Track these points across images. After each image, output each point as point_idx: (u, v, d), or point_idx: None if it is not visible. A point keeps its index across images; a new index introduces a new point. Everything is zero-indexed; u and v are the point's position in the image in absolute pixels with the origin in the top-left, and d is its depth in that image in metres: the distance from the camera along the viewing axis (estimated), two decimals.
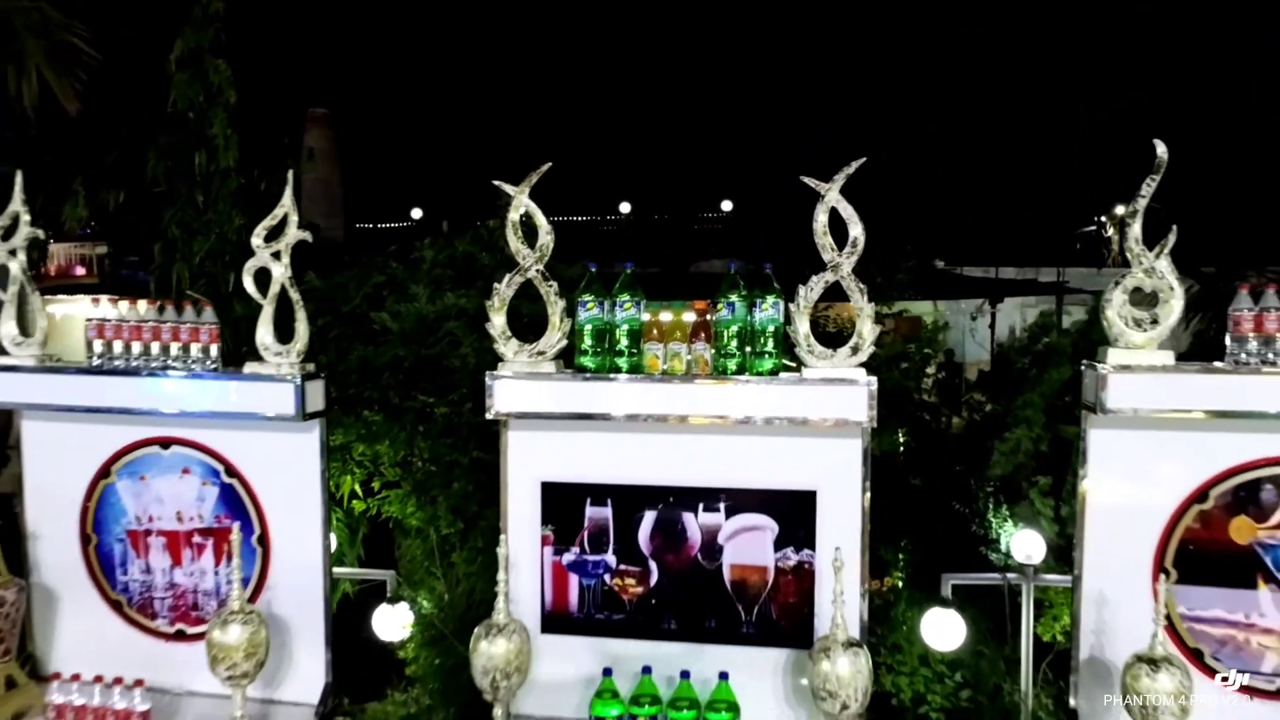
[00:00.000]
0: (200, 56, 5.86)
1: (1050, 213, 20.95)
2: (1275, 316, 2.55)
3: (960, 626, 3.81)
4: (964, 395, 7.30)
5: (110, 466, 3.23)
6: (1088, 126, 23.22)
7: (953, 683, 5.20)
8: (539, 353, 2.91)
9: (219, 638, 2.74)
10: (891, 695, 5.24)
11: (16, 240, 3.21)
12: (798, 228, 2.97)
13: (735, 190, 22.74)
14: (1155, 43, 22.05)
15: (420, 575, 5.56)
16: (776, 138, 24.43)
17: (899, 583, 5.82)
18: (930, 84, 23.46)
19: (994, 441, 5.73)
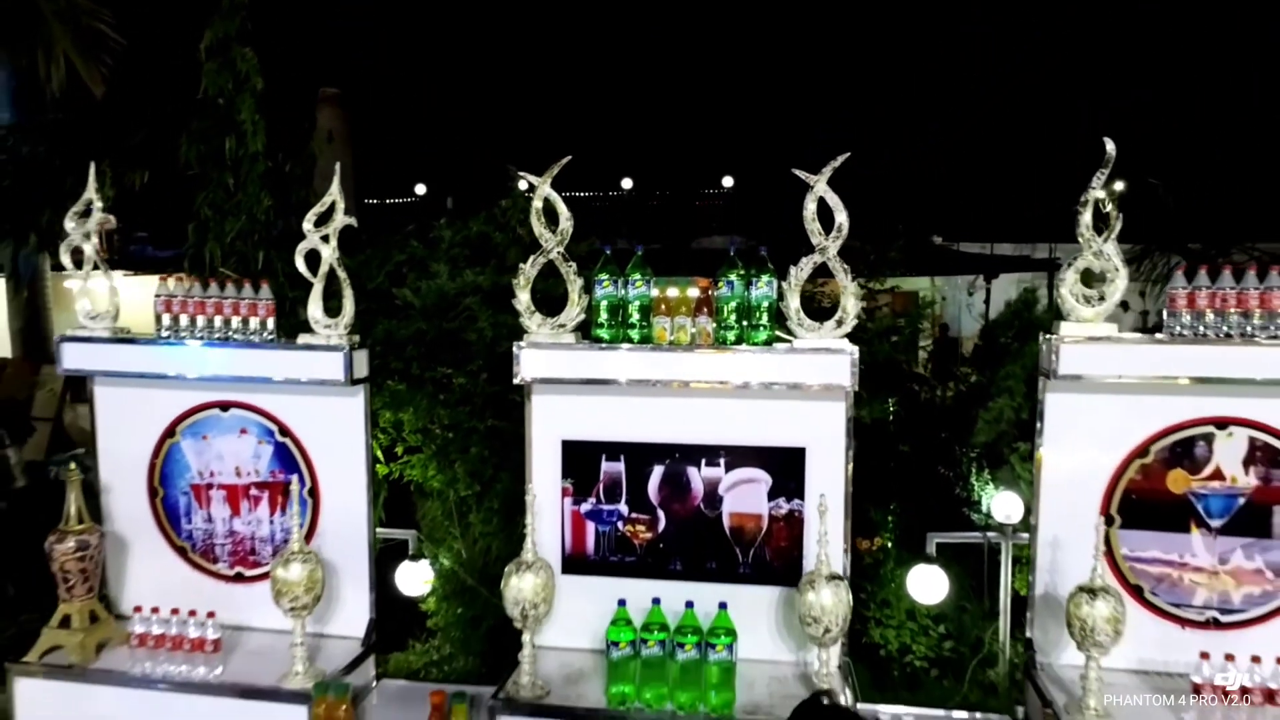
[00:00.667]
0: (228, 45, 6.17)
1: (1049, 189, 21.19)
2: (1205, 294, 2.91)
3: (944, 582, 4.09)
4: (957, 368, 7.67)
5: (175, 427, 3.61)
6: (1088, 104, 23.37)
7: (936, 634, 5.63)
8: (560, 325, 3.27)
9: (282, 574, 3.13)
10: (880, 646, 5.67)
11: (90, 224, 3.56)
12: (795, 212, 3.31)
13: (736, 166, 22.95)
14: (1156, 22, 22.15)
15: (440, 534, 5.97)
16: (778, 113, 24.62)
17: (888, 543, 6.23)
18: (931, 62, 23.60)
19: (978, 410, 6.12)
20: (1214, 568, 3.09)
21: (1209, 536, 3.09)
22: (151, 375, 3.50)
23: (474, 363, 5.86)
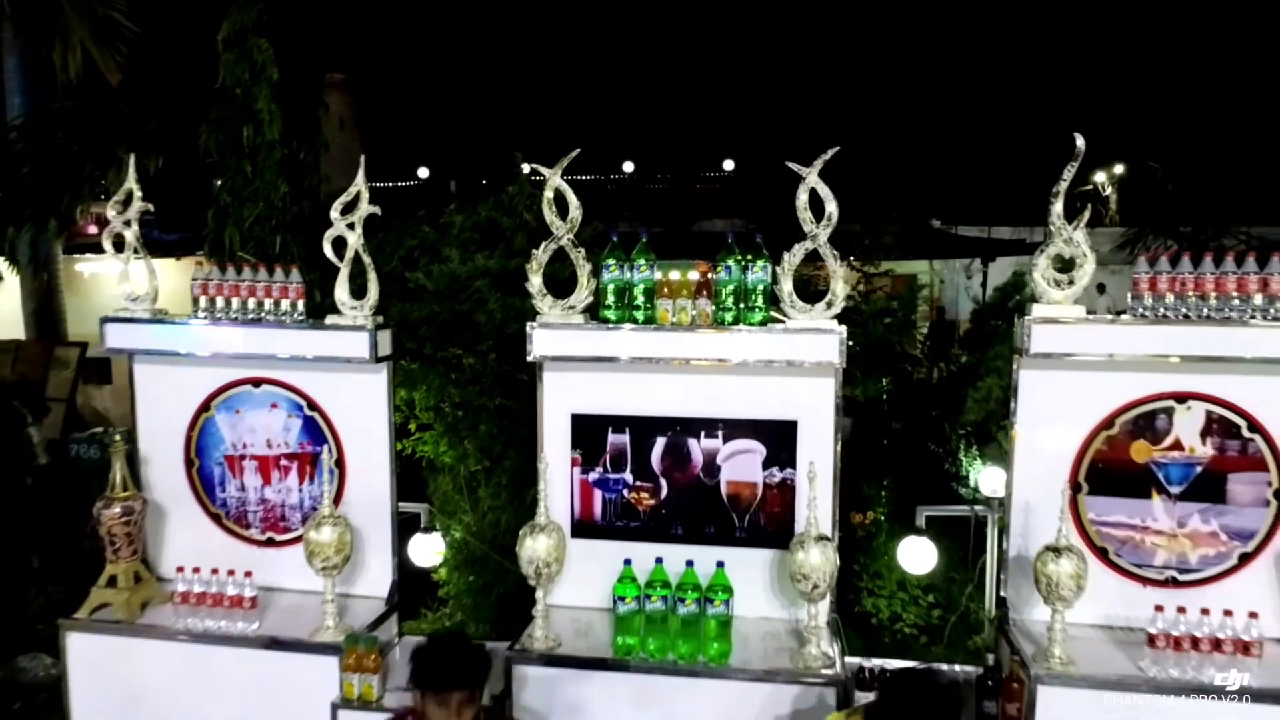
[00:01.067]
0: (245, 36, 6.39)
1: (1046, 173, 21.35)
2: (1165, 279, 3.16)
3: (932, 553, 4.30)
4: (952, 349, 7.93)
5: (210, 402, 3.87)
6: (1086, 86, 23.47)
7: (926, 603, 5.91)
8: (570, 307, 3.52)
9: (314, 536, 3.40)
10: (872, 615, 5.95)
11: (130, 213, 3.81)
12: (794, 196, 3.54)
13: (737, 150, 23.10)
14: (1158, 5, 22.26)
15: (452, 508, 6.25)
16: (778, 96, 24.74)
17: (881, 517, 6.50)
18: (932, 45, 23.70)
19: (968, 390, 6.38)
20: (1173, 531, 3.36)
21: (1169, 502, 3.36)
22: (189, 354, 3.75)
23: (484, 343, 6.11)
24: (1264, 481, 3.28)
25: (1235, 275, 3.11)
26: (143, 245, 3.85)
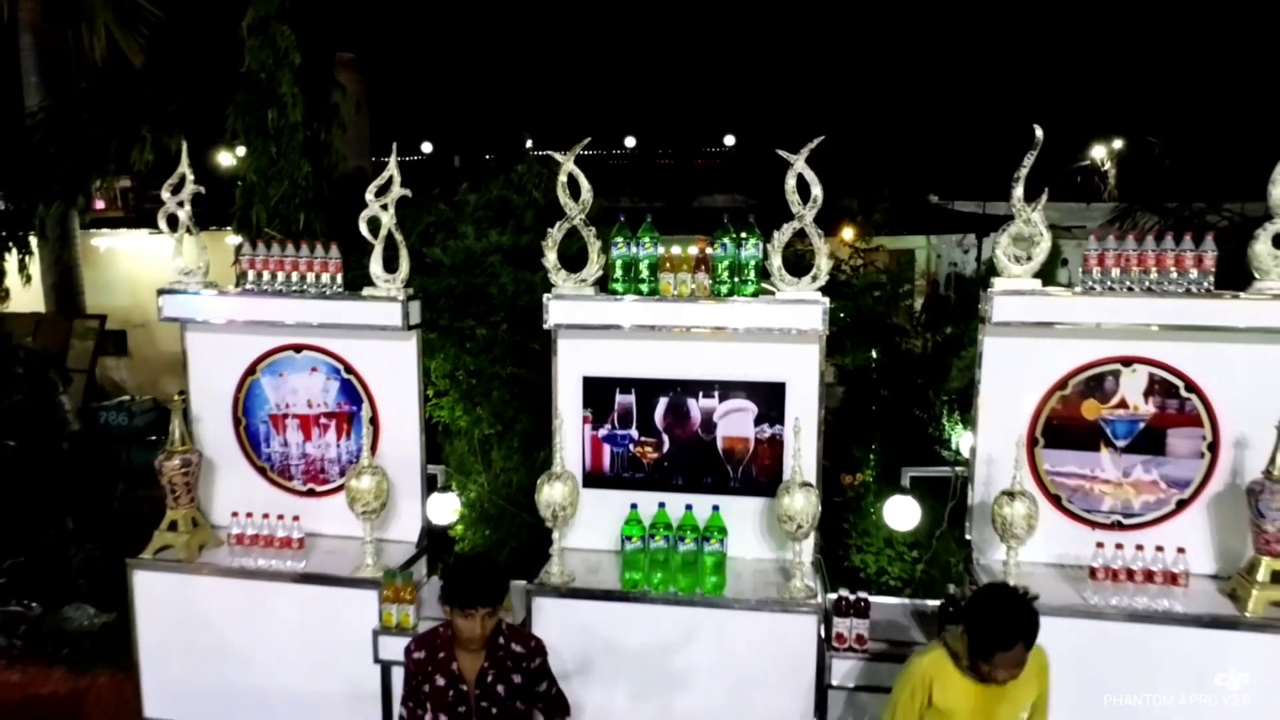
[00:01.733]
0: (268, 23, 6.72)
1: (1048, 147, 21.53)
2: (1111, 255, 3.55)
3: (916, 510, 4.58)
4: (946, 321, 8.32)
5: (256, 366, 4.28)
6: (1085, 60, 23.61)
7: (910, 559, 6.35)
8: (581, 280, 3.91)
9: (355, 484, 3.83)
10: (860, 570, 6.40)
11: (184, 194, 4.19)
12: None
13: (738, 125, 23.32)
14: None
15: (467, 469, 6.67)
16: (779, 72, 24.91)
17: (869, 479, 6.93)
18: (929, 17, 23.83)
19: (952, 359, 6.80)
20: (1119, 480, 3.77)
21: (1115, 454, 3.77)
22: (237, 322, 4.16)
23: (496, 315, 6.51)
24: (1199, 436, 3.69)
25: (1173, 252, 3.50)
26: (193, 223, 4.23)
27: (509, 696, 2.89)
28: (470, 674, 2.87)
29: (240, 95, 6.71)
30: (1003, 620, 2.66)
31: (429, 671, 2.89)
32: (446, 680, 2.87)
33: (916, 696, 2.85)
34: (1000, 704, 2.78)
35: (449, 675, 2.88)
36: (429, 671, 2.89)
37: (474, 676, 2.87)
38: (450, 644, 2.90)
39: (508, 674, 2.90)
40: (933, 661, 2.86)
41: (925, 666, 2.85)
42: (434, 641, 2.94)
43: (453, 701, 2.86)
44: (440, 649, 2.91)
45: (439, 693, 2.89)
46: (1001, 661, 2.63)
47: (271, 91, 6.66)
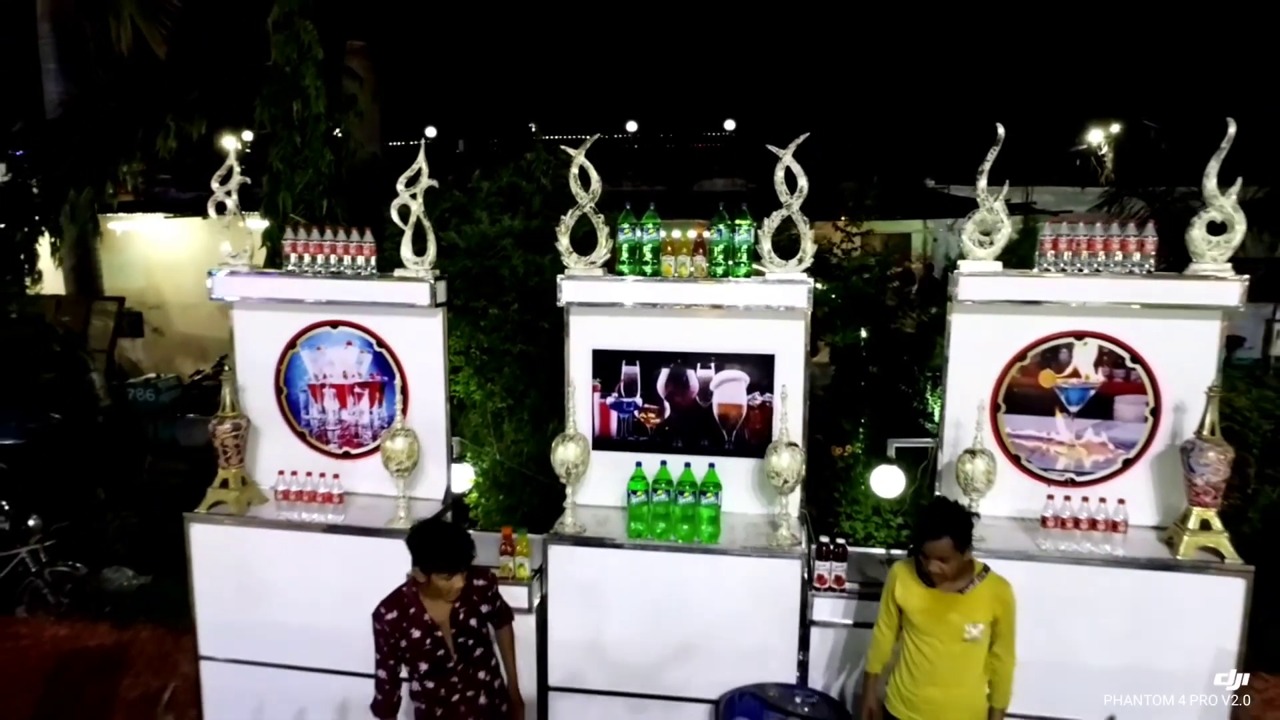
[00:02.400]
0: (292, 19, 7.13)
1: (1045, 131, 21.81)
2: (1064, 240, 3.98)
3: (901, 479, 4.95)
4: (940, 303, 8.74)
5: (296, 340, 4.72)
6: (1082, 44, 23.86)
7: (896, 524, 6.82)
8: (591, 262, 4.35)
9: (390, 445, 4.28)
10: (849, 536, 6.88)
11: (231, 184, 4.62)
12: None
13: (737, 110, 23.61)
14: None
15: (481, 440, 7.13)
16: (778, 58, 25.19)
17: (859, 450, 7.39)
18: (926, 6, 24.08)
19: (937, 337, 7.25)
20: (1072, 442, 4.22)
21: (1068, 419, 4.21)
22: (281, 300, 4.60)
23: (508, 295, 6.95)
24: (1143, 403, 4.13)
25: (1119, 237, 3.94)
26: (239, 211, 4.66)
27: (480, 625, 3.36)
28: (442, 619, 3.30)
29: (266, 88, 7.13)
30: (931, 514, 3.30)
31: (404, 628, 3.28)
32: (422, 631, 3.29)
33: (888, 595, 3.46)
34: (950, 611, 3.26)
35: (423, 626, 3.29)
36: (404, 628, 3.28)
37: (447, 620, 3.30)
38: (416, 599, 3.31)
39: (476, 608, 3.36)
40: (900, 566, 3.47)
41: (895, 570, 3.48)
42: (401, 600, 3.33)
43: (430, 648, 3.29)
44: (409, 605, 3.31)
45: (417, 643, 3.30)
46: (930, 550, 3.20)
47: (295, 84, 7.08)
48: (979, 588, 3.31)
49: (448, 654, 3.31)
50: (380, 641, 3.30)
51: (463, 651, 3.34)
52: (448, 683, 3.35)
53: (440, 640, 3.30)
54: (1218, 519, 3.85)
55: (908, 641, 3.41)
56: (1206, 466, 3.77)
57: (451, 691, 3.35)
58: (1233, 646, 3.79)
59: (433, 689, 3.34)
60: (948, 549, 3.22)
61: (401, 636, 3.27)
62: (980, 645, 3.31)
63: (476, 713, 3.41)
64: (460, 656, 3.34)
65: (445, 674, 3.33)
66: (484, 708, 3.44)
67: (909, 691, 3.40)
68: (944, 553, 3.22)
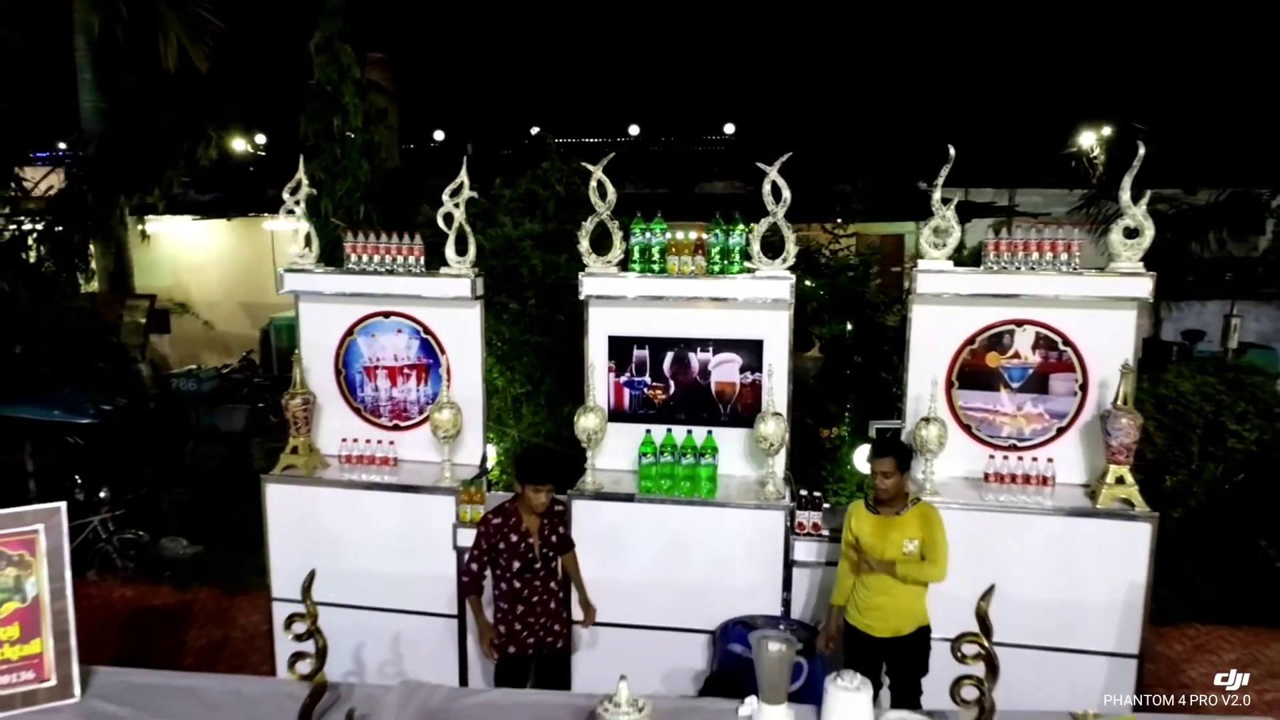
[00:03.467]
0: (332, 43, 7.91)
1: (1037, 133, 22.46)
2: (1004, 243, 4.76)
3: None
4: None
5: (353, 329, 5.51)
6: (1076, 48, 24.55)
7: None
8: (608, 261, 5.12)
9: (438, 416, 5.06)
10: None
11: (300, 194, 5.40)
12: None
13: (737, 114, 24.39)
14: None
15: (504, 421, 7.91)
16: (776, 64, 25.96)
17: (844, 433, 8.17)
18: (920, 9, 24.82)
19: None
20: (1014, 413, 5.00)
21: (1011, 393, 4.99)
22: (342, 294, 5.38)
23: (527, 292, 7.74)
24: (1073, 379, 4.91)
25: (1049, 240, 4.72)
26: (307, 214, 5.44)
27: (556, 543, 4.24)
28: (533, 530, 4.19)
29: (309, 105, 7.92)
30: (882, 441, 4.43)
31: (504, 532, 4.17)
32: (518, 536, 4.17)
33: (845, 531, 4.30)
34: (891, 531, 4.09)
35: (519, 533, 4.17)
36: (504, 532, 4.17)
37: (536, 531, 4.18)
38: (516, 512, 4.19)
39: (555, 528, 4.23)
40: (855, 503, 4.36)
41: (850, 508, 4.36)
42: (505, 512, 4.24)
43: (523, 551, 4.17)
44: (511, 515, 4.20)
45: (513, 546, 4.19)
46: (877, 466, 4.13)
47: (336, 102, 7.87)
48: (911, 511, 4.14)
49: (535, 557, 4.18)
50: (480, 541, 4.24)
51: (544, 559, 4.23)
52: (530, 584, 4.25)
53: (531, 545, 4.19)
54: (1130, 475, 4.63)
55: (861, 564, 4.19)
56: (1120, 430, 4.56)
57: (532, 592, 4.26)
58: (1141, 579, 4.57)
59: (519, 588, 4.23)
60: (890, 465, 4.14)
61: (501, 539, 4.18)
62: (915, 558, 4.11)
63: (547, 613, 4.34)
64: (543, 562, 4.21)
65: (530, 575, 4.23)
66: (553, 610, 4.40)
67: (863, 602, 4.21)
68: (887, 468, 4.14)
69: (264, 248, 16.10)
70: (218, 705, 3.46)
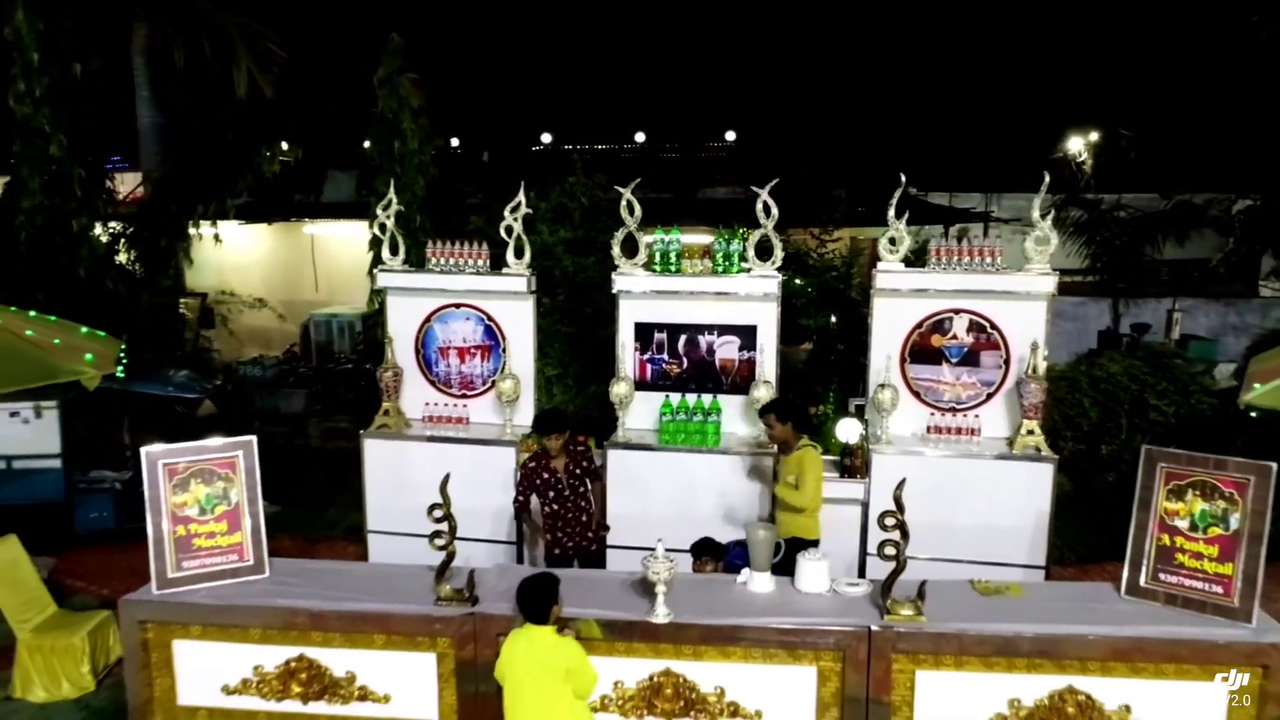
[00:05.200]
0: (393, 77, 9.32)
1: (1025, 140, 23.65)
2: (944, 249, 6.14)
3: (858, 427, 6.82)
4: None
5: (430, 317, 6.91)
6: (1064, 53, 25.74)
7: None
8: (634, 263, 6.52)
9: (501, 384, 6.47)
10: None
11: (390, 210, 6.80)
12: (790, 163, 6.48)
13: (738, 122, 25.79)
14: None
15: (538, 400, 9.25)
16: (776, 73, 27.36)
17: (830, 410, 9.55)
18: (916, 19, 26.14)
19: None
20: (953, 382, 6.38)
21: (951, 367, 6.38)
22: (423, 289, 6.79)
23: (559, 289, 9.13)
24: (999, 355, 6.29)
25: (979, 246, 6.11)
26: (396, 226, 6.83)
27: (581, 475, 5.60)
28: (560, 468, 5.57)
29: (374, 130, 9.33)
30: (764, 404, 5.64)
31: (539, 471, 5.56)
32: (548, 474, 5.56)
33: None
34: (782, 468, 5.48)
35: (549, 470, 5.56)
36: (539, 471, 5.56)
37: (563, 469, 5.57)
38: (546, 457, 5.57)
39: (579, 463, 5.60)
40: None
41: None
42: (539, 459, 5.62)
43: (554, 484, 5.57)
44: (544, 459, 5.58)
45: (545, 481, 5.58)
46: (763, 421, 5.58)
47: (396, 127, 9.28)
48: (796, 453, 5.52)
49: (564, 487, 5.55)
50: (522, 480, 5.67)
51: (571, 488, 5.59)
52: (564, 506, 5.64)
53: (560, 480, 5.56)
54: (1039, 429, 6.02)
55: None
56: (1030, 393, 5.95)
57: (566, 511, 5.65)
58: (1047, 508, 5.96)
59: (556, 509, 5.60)
60: (772, 419, 5.60)
61: (537, 478, 5.56)
62: (790, 487, 5.48)
63: (580, 525, 5.72)
64: (570, 490, 5.58)
65: (561, 501, 5.58)
66: (584, 523, 5.78)
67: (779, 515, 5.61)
68: (771, 421, 5.59)
69: (304, 250, 17.47)
70: (367, 578, 4.87)
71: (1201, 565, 4.29)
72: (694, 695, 4.31)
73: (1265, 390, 5.29)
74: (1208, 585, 4.27)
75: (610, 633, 4.30)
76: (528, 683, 3.95)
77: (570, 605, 4.21)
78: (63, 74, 9.57)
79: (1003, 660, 4.15)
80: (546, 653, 3.96)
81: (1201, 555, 4.29)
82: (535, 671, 3.94)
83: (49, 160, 9.45)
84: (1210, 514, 4.29)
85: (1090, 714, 4.13)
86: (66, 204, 9.53)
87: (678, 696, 4.30)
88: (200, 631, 4.59)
